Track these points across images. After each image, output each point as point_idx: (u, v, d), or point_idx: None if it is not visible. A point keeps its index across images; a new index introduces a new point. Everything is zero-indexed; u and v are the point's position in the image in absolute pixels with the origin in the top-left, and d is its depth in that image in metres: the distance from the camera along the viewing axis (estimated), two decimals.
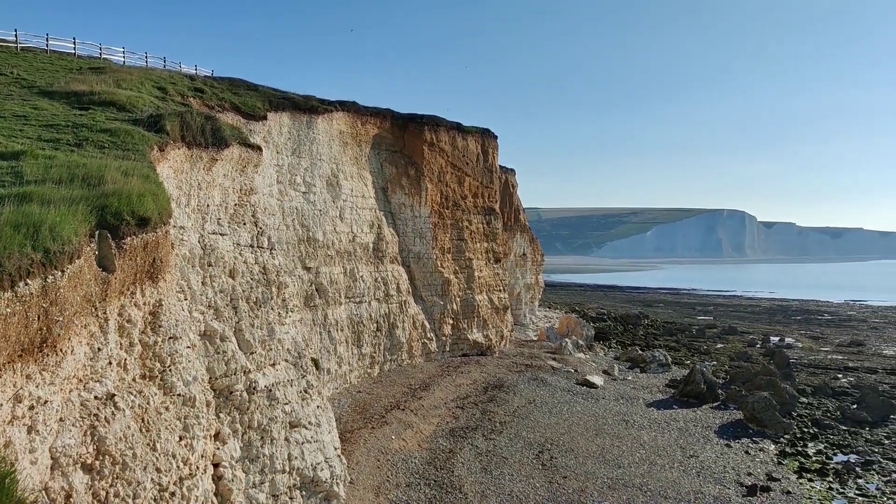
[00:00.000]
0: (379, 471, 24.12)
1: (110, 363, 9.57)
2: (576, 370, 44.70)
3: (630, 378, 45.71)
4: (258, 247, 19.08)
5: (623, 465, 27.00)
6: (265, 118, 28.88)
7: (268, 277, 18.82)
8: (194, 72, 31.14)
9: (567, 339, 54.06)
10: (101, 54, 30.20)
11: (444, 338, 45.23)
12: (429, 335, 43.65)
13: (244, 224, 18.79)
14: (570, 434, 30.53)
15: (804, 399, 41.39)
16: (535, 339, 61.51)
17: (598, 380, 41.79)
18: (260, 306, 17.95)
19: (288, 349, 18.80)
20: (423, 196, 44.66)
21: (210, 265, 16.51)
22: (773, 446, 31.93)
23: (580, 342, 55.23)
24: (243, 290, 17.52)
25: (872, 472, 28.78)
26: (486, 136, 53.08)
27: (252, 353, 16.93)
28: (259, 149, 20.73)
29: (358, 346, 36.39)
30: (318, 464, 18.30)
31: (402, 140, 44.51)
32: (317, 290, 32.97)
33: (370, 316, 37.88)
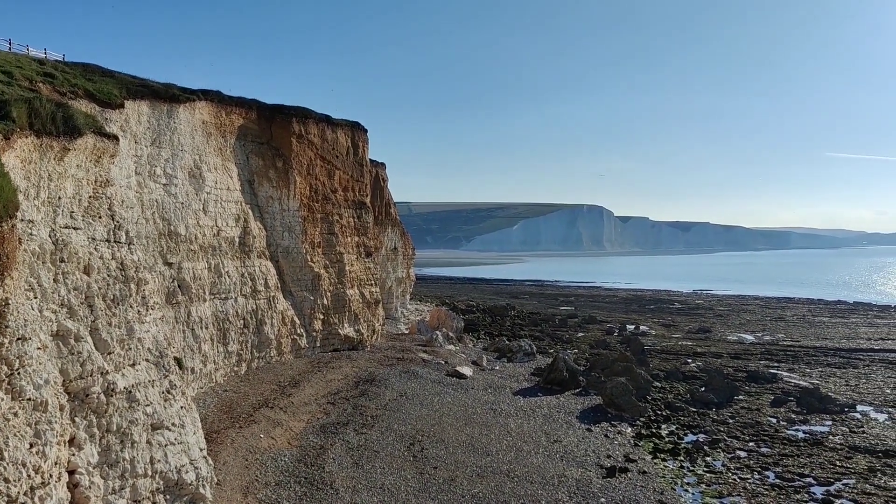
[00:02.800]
0: (247, 470, 23.59)
1: None
2: (446, 362, 45.43)
3: (498, 368, 46.96)
4: (115, 241, 18.15)
5: (491, 453, 27.75)
6: (122, 106, 27.43)
7: (126, 274, 17.95)
8: (44, 55, 29.03)
9: (438, 332, 54.82)
10: None
11: (314, 333, 44.68)
12: (299, 331, 42.99)
13: (100, 217, 17.81)
14: (441, 425, 31.04)
15: (658, 383, 44.02)
16: (407, 332, 61.94)
17: (467, 371, 42.68)
18: (118, 304, 17.10)
19: (148, 348, 18.03)
20: (292, 189, 43.86)
21: (62, 261, 15.56)
22: (629, 429, 33.79)
23: (450, 334, 56.17)
24: (99, 288, 16.62)
25: (719, 450, 31.05)
26: (356, 130, 52.78)
27: (110, 354, 16.11)
28: (115, 138, 19.70)
29: (224, 344, 35.33)
30: (183, 466, 17.69)
31: (270, 132, 43.48)
32: (179, 286, 31.70)
33: (237, 312, 36.85)
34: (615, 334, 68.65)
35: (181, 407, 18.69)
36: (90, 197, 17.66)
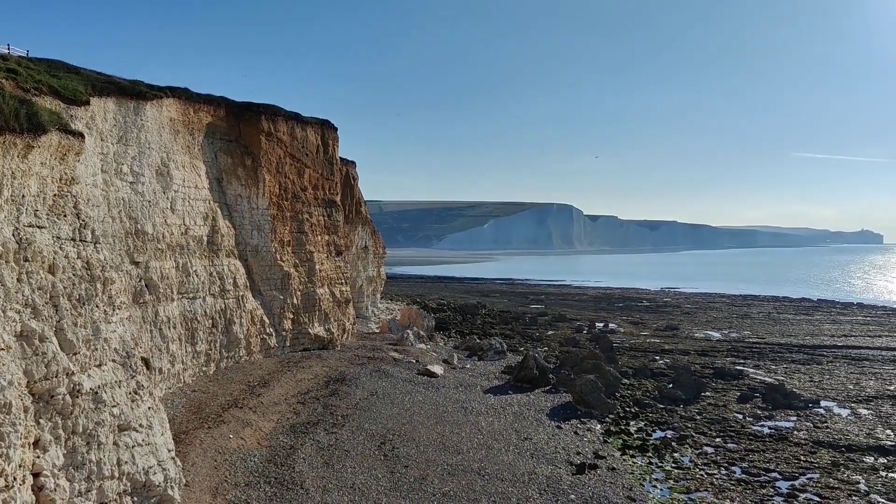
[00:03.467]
0: (216, 471, 23.38)
1: None
2: (417, 360, 45.43)
3: (469, 366, 47.07)
4: (81, 240, 17.87)
5: (462, 451, 27.82)
6: (88, 103, 26.96)
7: (92, 273, 17.69)
8: (7, 51, 28.43)
9: (409, 331, 54.78)
10: None
11: (284, 333, 44.40)
12: (268, 330, 42.69)
13: (65, 216, 17.53)
14: (412, 424, 31.03)
15: (626, 380, 44.48)
16: (378, 331, 61.81)
17: (438, 369, 42.72)
18: (84, 304, 16.84)
19: (115, 349, 17.79)
20: (261, 187, 43.52)
21: (26, 260, 15.29)
22: (599, 426, 34.09)
23: (421, 333, 56.14)
24: (65, 287, 16.37)
25: (686, 446, 31.46)
26: (325, 128, 52.51)
27: (75, 354, 15.87)
28: (81, 135, 19.39)
29: (192, 344, 34.96)
30: (151, 467, 17.49)
31: (238, 129, 43.10)
32: (146, 285, 31.31)
33: (205, 312, 36.48)
34: (584, 332, 69.16)
35: (149, 408, 18.48)
36: (55, 195, 17.37)
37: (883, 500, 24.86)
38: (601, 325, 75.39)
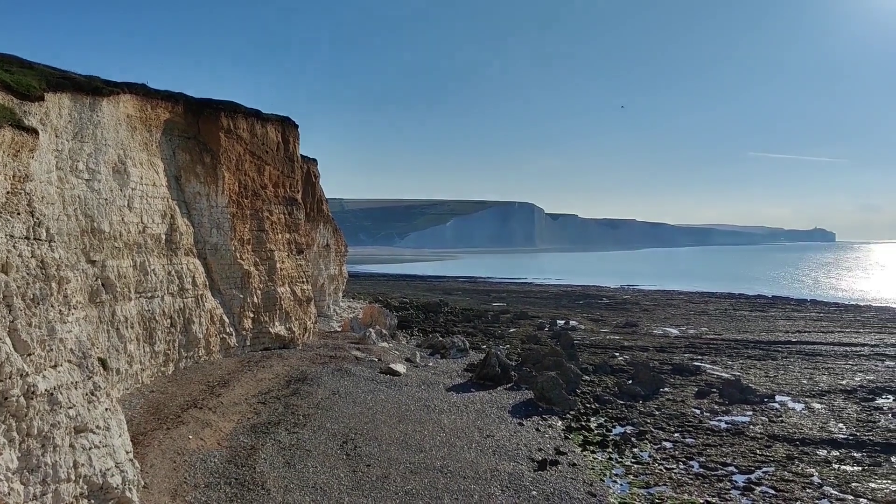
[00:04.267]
0: (175, 472, 23.08)
1: None
2: (379, 359, 45.34)
3: (431, 364, 47.13)
4: (35, 239, 17.48)
5: (425, 449, 27.86)
6: (42, 99, 26.35)
7: (47, 272, 17.32)
8: None
9: (371, 329, 54.62)
10: None
11: (244, 332, 43.94)
12: (228, 330, 42.20)
13: (18, 214, 17.13)
14: (374, 422, 30.98)
15: (587, 377, 44.96)
16: (340, 329, 61.53)
17: (400, 367, 42.69)
18: (38, 304, 16.48)
19: (71, 349, 17.45)
20: (220, 185, 42.98)
21: None
22: (560, 422, 34.42)
23: (384, 331, 56.02)
24: (18, 287, 16.00)
25: (646, 441, 31.94)
26: (286, 125, 52.06)
27: (30, 355, 15.53)
28: (35, 132, 18.96)
29: (150, 344, 34.41)
30: (108, 469, 17.20)
31: (197, 126, 42.49)
32: (103, 284, 30.72)
33: (163, 311, 35.93)
34: (546, 329, 69.70)
35: (106, 409, 18.16)
36: (8, 192, 16.97)
37: (836, 493, 25.54)
38: (562, 322, 76.04)
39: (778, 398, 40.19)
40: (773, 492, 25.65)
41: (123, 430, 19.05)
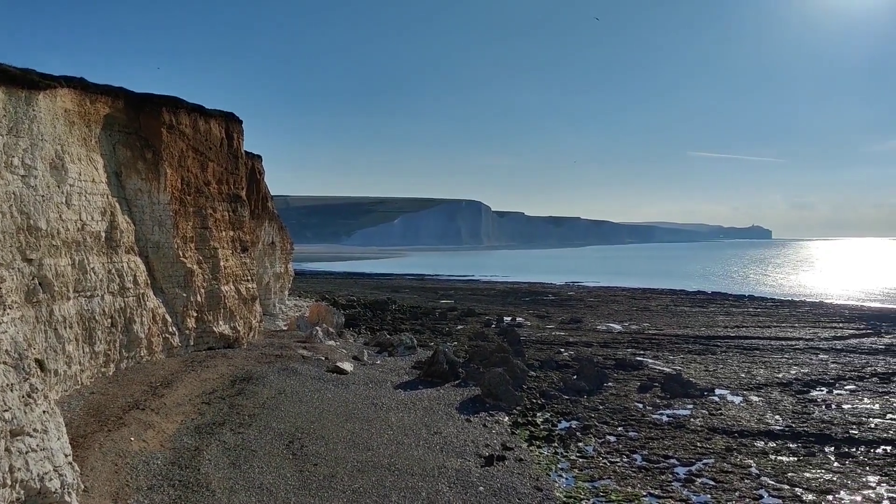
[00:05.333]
0: (117, 475, 22.57)
1: None
2: (326, 358, 45.06)
3: (379, 362, 47.05)
4: None
5: (372, 448, 27.84)
6: None
7: None
8: None
9: (318, 328, 54.22)
10: None
11: (187, 331, 43.14)
12: (171, 329, 41.38)
13: None
14: (321, 422, 30.81)
15: (533, 373, 45.50)
16: (286, 328, 60.92)
17: (348, 366, 42.51)
18: None
19: (6, 350, 16.95)
20: (163, 181, 42.09)
21: None
22: (506, 418, 34.76)
23: (330, 330, 55.67)
24: None
25: (590, 435, 32.50)
26: (230, 121, 51.24)
27: None
28: None
29: (90, 344, 33.53)
30: (46, 473, 16.75)
31: (138, 121, 41.51)
32: (40, 283, 29.80)
33: (103, 311, 35.04)
34: (493, 326, 70.21)
35: (43, 411, 17.68)
36: None
37: (772, 482, 26.41)
38: (509, 319, 76.72)
39: (717, 391, 41.30)
40: (712, 483, 26.38)
41: (62, 432, 18.57)
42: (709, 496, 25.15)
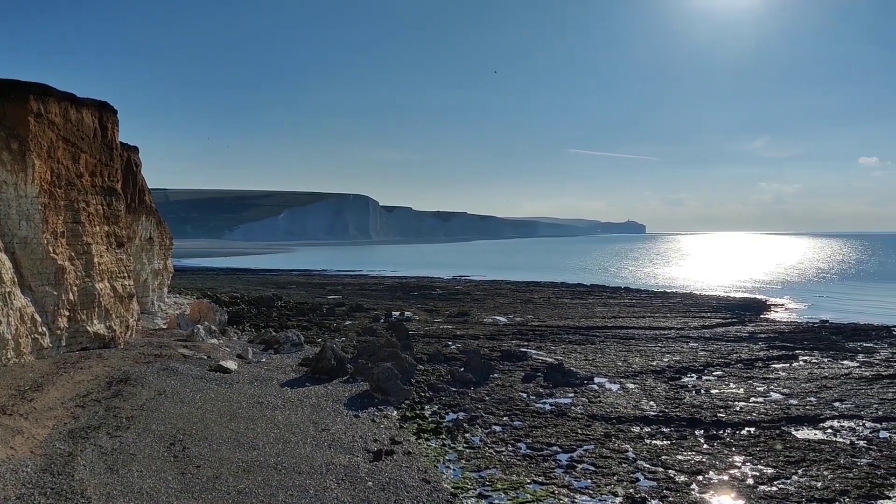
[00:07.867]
0: None
1: None
2: (209, 356, 43.83)
3: (264, 360, 46.19)
4: None
5: (258, 447, 27.38)
6: None
7: None
8: None
9: (199, 326, 52.58)
10: None
11: (59, 331, 40.88)
12: (40, 329, 39.10)
13: None
14: (204, 422, 30.00)
15: (421, 366, 45.89)
16: (165, 327, 58.71)
17: (231, 364, 41.53)
18: None
19: None
20: (30, 173, 39.70)
21: None
22: (395, 412, 34.97)
23: (213, 328, 54.12)
24: None
25: (477, 426, 33.15)
26: (104, 110, 48.88)
27: None
28: None
29: None
30: None
31: (3, 109, 38.95)
32: None
33: None
34: (381, 321, 70.20)
35: None
36: None
37: (648, 465, 27.83)
38: (397, 313, 76.90)
39: (596, 380, 43.03)
40: (593, 468, 27.50)
41: None
42: (589, 481, 26.19)
